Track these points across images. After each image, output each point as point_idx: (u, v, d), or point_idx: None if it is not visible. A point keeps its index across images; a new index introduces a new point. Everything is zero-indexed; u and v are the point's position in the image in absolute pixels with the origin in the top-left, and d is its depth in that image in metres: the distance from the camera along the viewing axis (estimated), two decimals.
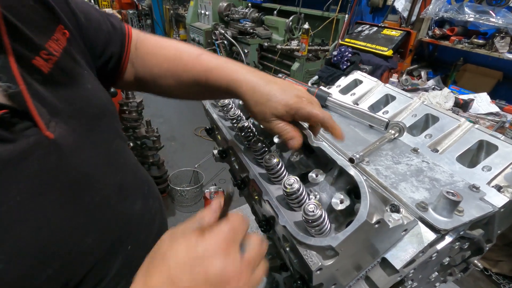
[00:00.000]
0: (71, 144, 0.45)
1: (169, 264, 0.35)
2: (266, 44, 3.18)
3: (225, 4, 4.01)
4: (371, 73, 2.47)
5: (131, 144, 2.33)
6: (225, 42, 3.49)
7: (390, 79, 2.25)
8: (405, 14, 2.62)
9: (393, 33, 2.52)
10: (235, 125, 0.70)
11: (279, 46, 3.01)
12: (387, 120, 0.74)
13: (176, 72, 0.63)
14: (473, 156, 0.69)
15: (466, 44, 2.24)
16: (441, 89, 2.34)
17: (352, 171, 0.45)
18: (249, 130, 0.66)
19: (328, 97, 0.85)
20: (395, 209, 0.49)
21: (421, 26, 2.47)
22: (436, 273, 0.67)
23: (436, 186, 0.57)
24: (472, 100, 2.13)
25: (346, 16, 3.04)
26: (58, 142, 0.42)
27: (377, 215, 0.42)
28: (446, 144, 0.70)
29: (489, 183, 0.60)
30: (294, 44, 3.00)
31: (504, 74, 2.28)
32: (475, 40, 2.19)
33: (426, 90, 2.44)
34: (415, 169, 0.62)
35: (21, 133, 0.39)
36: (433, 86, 2.49)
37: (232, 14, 3.72)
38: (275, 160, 0.54)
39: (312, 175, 0.53)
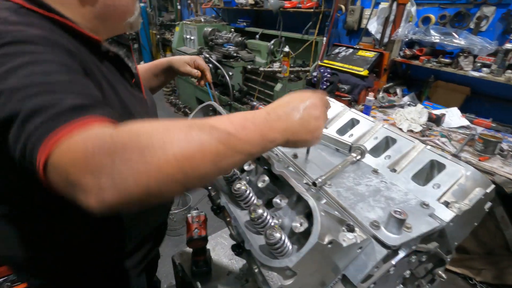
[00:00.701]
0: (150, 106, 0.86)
1: (284, 98, 0.55)
2: (249, 66, 3.30)
3: (209, 29, 4.16)
4: (349, 92, 2.60)
5: None
6: (210, 65, 3.60)
7: (367, 97, 2.36)
8: (378, 36, 2.79)
9: (368, 54, 2.67)
10: None
11: (262, 69, 3.14)
12: (350, 143, 0.81)
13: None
14: (428, 174, 0.76)
15: (435, 63, 2.39)
16: (415, 105, 2.47)
17: (306, 197, 0.50)
18: None
19: None
20: (350, 228, 0.54)
21: (393, 47, 2.63)
22: (401, 286, 0.71)
23: (390, 205, 0.63)
24: (444, 114, 2.26)
25: (324, 38, 3.21)
26: (146, 100, 0.83)
27: (329, 236, 0.47)
28: (403, 164, 0.77)
29: (438, 199, 0.66)
30: (276, 66, 3.13)
31: (471, 89, 2.43)
32: (442, 59, 2.35)
33: (402, 106, 2.57)
34: (373, 189, 0.68)
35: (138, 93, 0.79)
36: (408, 102, 2.62)
37: (216, 39, 3.87)
38: (243, 188, 0.59)
39: (276, 200, 0.58)
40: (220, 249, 1.23)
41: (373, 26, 2.83)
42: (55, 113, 0.40)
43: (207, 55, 3.52)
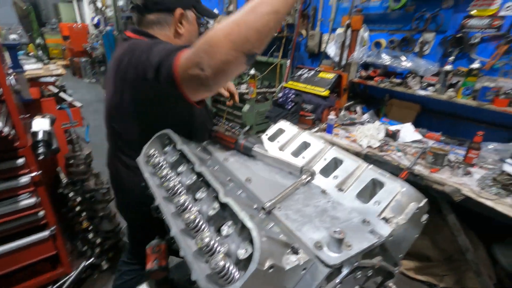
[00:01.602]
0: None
1: None
2: None
3: None
4: (313, 111, 2.72)
5: (79, 199, 2.22)
6: None
7: (329, 116, 2.49)
8: (337, 59, 2.99)
9: (328, 75, 2.84)
10: (164, 183, 0.76)
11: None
12: (300, 166, 0.85)
13: None
14: (371, 191, 0.82)
15: (388, 83, 2.60)
16: (374, 122, 2.64)
17: (248, 224, 0.53)
18: (175, 187, 0.72)
19: (253, 148, 0.95)
20: (294, 251, 0.57)
21: (350, 69, 2.83)
22: None
23: (335, 224, 0.67)
24: (399, 130, 2.43)
25: (288, 61, 3.37)
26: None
27: (270, 260, 0.50)
28: (349, 183, 0.82)
29: (379, 215, 0.72)
30: (243, 88, 3.22)
31: (422, 106, 2.66)
32: (394, 79, 2.56)
33: (362, 123, 2.73)
34: (320, 210, 0.72)
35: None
36: (368, 120, 2.79)
37: None
38: (192, 217, 0.61)
39: (224, 227, 0.60)
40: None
41: (332, 50, 3.03)
42: (174, 50, 0.82)
43: None
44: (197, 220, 0.61)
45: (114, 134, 1.19)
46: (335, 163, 0.91)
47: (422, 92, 2.38)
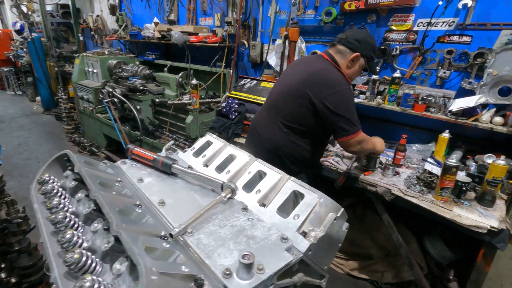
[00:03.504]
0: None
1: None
2: (157, 100, 3.20)
3: (114, 62, 3.93)
4: None
5: None
6: (116, 100, 3.35)
7: None
8: (278, 69, 3.05)
9: (270, 85, 2.89)
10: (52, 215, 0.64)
11: (170, 101, 3.06)
12: (221, 182, 0.80)
13: None
14: (294, 203, 0.80)
15: None
16: None
17: (136, 261, 0.45)
18: (65, 219, 0.61)
19: (172, 165, 0.88)
20: (198, 284, 0.50)
21: None
22: None
23: (251, 245, 0.63)
24: None
25: (231, 71, 3.35)
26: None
27: None
28: (271, 197, 0.79)
29: (298, 229, 0.69)
30: (186, 98, 3.10)
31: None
32: None
33: None
34: (237, 230, 0.67)
35: None
36: None
37: (120, 72, 3.66)
38: (76, 256, 0.51)
39: (115, 265, 0.51)
40: None
41: (273, 60, 3.10)
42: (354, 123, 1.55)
43: (110, 89, 3.28)
44: (83, 259, 0.51)
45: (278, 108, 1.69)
46: (260, 176, 0.88)
47: (356, 100, 2.53)
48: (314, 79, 1.54)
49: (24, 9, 7.48)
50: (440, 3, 2.14)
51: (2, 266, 1.90)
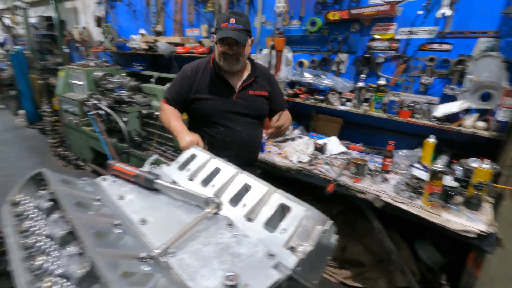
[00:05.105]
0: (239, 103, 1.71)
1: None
2: (144, 111, 3.15)
3: (100, 74, 3.88)
4: None
5: None
6: (102, 112, 3.29)
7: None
8: None
9: None
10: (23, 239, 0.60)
11: (157, 113, 3.02)
12: (205, 197, 0.77)
13: None
14: (282, 216, 0.78)
15: (312, 100, 2.75)
16: (304, 137, 2.74)
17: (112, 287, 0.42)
18: (35, 244, 0.57)
19: (155, 180, 0.85)
20: None
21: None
22: None
23: (236, 264, 0.60)
24: (326, 143, 2.56)
25: None
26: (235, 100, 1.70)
27: None
28: (258, 211, 0.77)
29: (285, 245, 0.67)
30: None
31: (344, 120, 2.85)
32: (317, 96, 2.72)
33: (293, 139, 2.81)
34: (222, 248, 0.64)
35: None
36: (299, 135, 2.89)
37: (106, 84, 3.61)
38: (45, 285, 0.47)
39: None
40: None
41: None
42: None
43: (96, 102, 3.22)
44: None
45: None
46: (246, 189, 0.85)
47: (342, 107, 2.56)
48: None
49: (7, 21, 7.35)
50: (420, 12, 2.20)
51: None
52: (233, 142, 1.69)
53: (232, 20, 1.49)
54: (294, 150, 2.54)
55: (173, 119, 1.65)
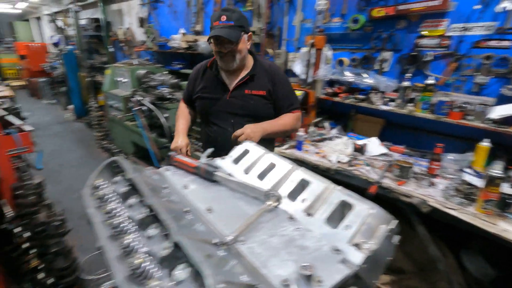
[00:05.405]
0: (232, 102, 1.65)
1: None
2: None
3: (143, 72, 4.09)
4: None
5: (27, 234, 1.96)
6: (145, 108, 3.47)
7: (298, 133, 2.49)
8: (303, 77, 3.05)
9: (296, 92, 2.87)
10: (108, 219, 0.66)
11: None
12: (264, 190, 0.79)
13: None
14: (341, 214, 0.78)
15: (352, 99, 2.68)
16: (342, 137, 2.68)
17: (203, 270, 0.45)
18: (121, 224, 0.63)
19: (215, 172, 0.88)
20: None
21: (317, 86, 2.89)
22: None
23: (303, 256, 0.61)
24: (366, 144, 2.49)
25: None
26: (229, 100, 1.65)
27: None
28: (318, 207, 0.77)
29: (349, 241, 0.67)
30: None
31: (386, 120, 2.75)
32: (358, 95, 2.65)
33: (331, 139, 2.76)
34: (287, 240, 0.66)
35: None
36: (336, 135, 2.84)
37: (149, 81, 3.80)
38: (136, 262, 0.51)
39: (175, 272, 0.51)
40: None
41: (298, 68, 3.09)
42: None
43: (140, 98, 3.40)
44: (143, 265, 0.52)
45: None
46: (303, 185, 0.86)
47: (385, 107, 2.47)
48: None
49: (60, 23, 7.99)
50: (478, 7, 2.06)
51: (41, 267, 1.98)
52: (226, 142, 1.49)
53: (223, 18, 1.45)
54: (332, 150, 2.50)
55: (180, 118, 1.81)
